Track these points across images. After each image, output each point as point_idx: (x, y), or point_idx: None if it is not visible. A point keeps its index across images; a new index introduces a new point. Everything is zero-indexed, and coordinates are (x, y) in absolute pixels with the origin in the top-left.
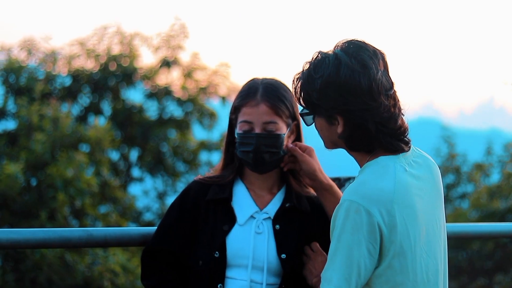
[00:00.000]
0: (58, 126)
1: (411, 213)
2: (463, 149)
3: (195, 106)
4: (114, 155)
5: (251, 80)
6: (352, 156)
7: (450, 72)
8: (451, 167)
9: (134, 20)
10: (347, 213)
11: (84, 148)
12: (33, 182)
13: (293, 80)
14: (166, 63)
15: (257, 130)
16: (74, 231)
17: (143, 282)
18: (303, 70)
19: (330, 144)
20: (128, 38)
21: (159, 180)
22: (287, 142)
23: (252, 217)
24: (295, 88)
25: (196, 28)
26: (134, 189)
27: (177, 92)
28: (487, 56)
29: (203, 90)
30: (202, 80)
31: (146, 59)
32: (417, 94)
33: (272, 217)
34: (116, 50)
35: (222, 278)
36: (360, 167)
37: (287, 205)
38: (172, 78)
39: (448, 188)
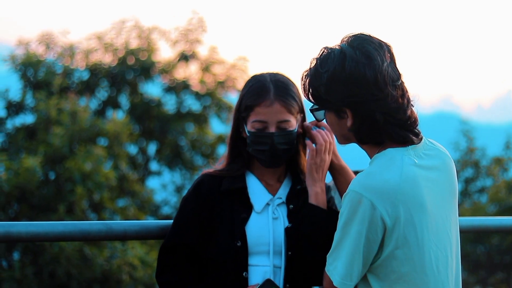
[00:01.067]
0: (76, 120)
1: (418, 204)
2: (482, 143)
3: (213, 100)
4: (132, 149)
5: (257, 76)
6: (363, 149)
7: (468, 66)
8: (470, 161)
9: (152, 14)
10: (351, 203)
11: (102, 141)
12: (52, 176)
13: (302, 77)
14: (184, 57)
15: (272, 129)
16: (93, 224)
17: (158, 279)
18: (311, 66)
19: (342, 138)
20: (146, 32)
21: (177, 174)
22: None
23: (267, 204)
24: (303, 85)
25: (214, 22)
26: (152, 182)
27: (195, 86)
28: (505, 50)
29: (221, 84)
30: (220, 74)
31: (164, 53)
32: (435, 88)
33: (285, 201)
34: (134, 44)
35: (245, 266)
36: (370, 159)
37: (298, 187)
38: (190, 72)
39: (467, 182)
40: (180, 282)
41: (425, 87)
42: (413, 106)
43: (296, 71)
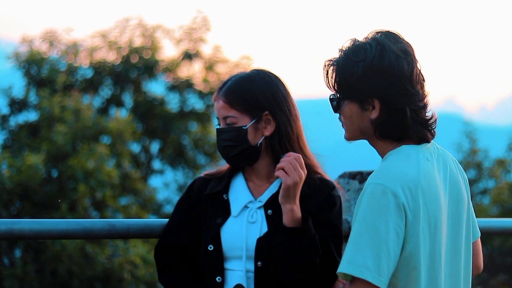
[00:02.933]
0: (79, 118)
1: (434, 200)
2: (484, 144)
3: None
4: (135, 147)
5: (234, 74)
6: (375, 146)
7: (471, 67)
8: (472, 163)
9: (156, 12)
10: (373, 195)
11: (105, 140)
12: (54, 174)
13: (324, 65)
14: (188, 56)
15: (221, 125)
16: (96, 222)
17: (160, 280)
18: (339, 55)
19: (358, 132)
20: (150, 31)
21: (179, 173)
22: (262, 133)
23: (246, 207)
24: (327, 73)
25: (218, 21)
26: (155, 181)
27: (199, 84)
28: (509, 52)
29: None
30: (224, 73)
31: (168, 51)
32: (439, 89)
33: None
34: (138, 42)
35: (220, 271)
36: (382, 157)
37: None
38: (193, 71)
39: (469, 183)
40: (180, 282)
41: (429, 88)
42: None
43: (299, 69)
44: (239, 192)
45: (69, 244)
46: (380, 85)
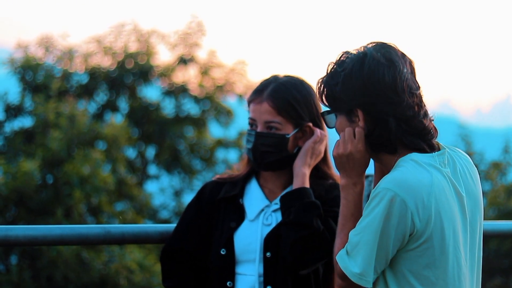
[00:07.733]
0: (74, 124)
1: (448, 209)
2: (480, 147)
3: (211, 104)
4: (131, 153)
5: (270, 77)
6: (376, 161)
7: (466, 70)
8: None
9: (151, 17)
10: (381, 200)
11: (101, 145)
12: (50, 180)
13: (317, 82)
14: (183, 61)
15: (259, 129)
16: (91, 228)
17: (164, 284)
18: (328, 70)
19: None
20: (145, 36)
21: (175, 178)
22: (297, 143)
23: (262, 210)
24: (319, 88)
25: (213, 26)
26: (151, 186)
27: (194, 89)
28: (504, 54)
29: (220, 87)
30: (219, 78)
31: (163, 56)
32: (433, 92)
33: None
34: (133, 47)
35: (231, 275)
36: (389, 169)
37: None
38: (189, 76)
39: None
40: (184, 287)
41: (423, 90)
42: (432, 119)
43: (294, 74)
44: (254, 197)
45: (65, 250)
46: (359, 92)
